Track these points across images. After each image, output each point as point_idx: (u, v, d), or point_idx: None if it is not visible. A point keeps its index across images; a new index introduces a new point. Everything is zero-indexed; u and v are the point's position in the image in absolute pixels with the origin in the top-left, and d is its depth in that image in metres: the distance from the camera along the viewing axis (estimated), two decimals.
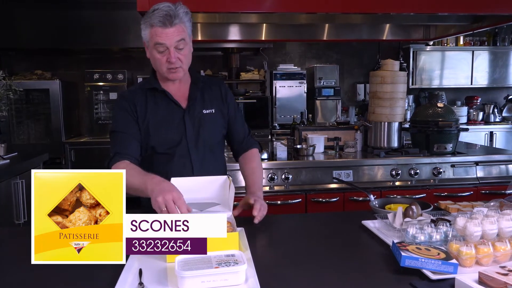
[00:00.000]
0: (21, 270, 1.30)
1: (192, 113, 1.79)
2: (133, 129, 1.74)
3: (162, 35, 1.63)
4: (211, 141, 1.83)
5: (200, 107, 1.81)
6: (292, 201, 2.81)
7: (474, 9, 2.68)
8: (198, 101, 1.82)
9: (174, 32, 1.63)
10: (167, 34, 1.63)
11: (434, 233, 1.37)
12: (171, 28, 1.62)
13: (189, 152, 1.77)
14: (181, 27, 1.65)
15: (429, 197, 2.89)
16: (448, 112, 3.13)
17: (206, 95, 1.84)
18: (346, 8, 2.60)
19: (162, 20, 1.61)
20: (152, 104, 1.77)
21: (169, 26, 1.62)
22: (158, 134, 1.75)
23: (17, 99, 5.01)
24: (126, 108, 1.75)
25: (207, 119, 1.81)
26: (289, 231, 1.71)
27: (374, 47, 6.18)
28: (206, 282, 1.10)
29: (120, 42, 5.35)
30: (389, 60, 3.21)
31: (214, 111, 1.84)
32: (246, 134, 1.97)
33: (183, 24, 1.66)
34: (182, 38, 1.65)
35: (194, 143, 1.78)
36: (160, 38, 1.63)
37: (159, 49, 1.65)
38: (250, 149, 1.95)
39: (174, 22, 1.62)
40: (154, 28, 1.63)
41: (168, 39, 1.63)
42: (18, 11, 5.24)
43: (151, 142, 1.75)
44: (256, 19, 3.30)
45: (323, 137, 3.29)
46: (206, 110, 1.82)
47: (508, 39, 6.21)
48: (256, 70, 5.96)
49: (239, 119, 1.95)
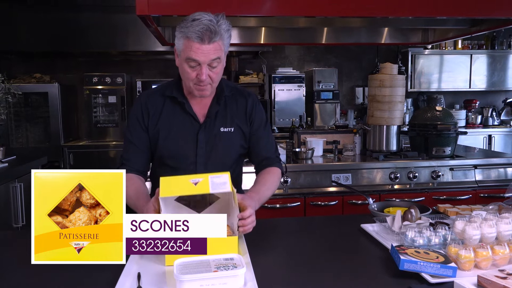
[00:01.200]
0: (20, 273, 1.30)
1: (209, 129, 1.67)
2: (142, 142, 1.68)
3: (198, 51, 1.47)
4: (224, 161, 1.70)
5: (219, 124, 1.68)
6: (291, 205, 2.81)
7: (472, 13, 2.69)
8: (218, 117, 1.68)
9: (211, 50, 1.47)
10: (203, 51, 1.47)
11: (433, 237, 1.37)
12: (209, 45, 1.47)
13: (196, 170, 1.65)
14: (219, 44, 1.49)
15: (428, 201, 2.89)
16: (446, 116, 3.13)
17: (228, 110, 1.70)
18: (345, 12, 2.60)
19: (201, 36, 1.45)
20: (167, 113, 1.67)
21: (206, 43, 1.46)
22: (167, 144, 1.67)
23: (15, 103, 5.00)
24: (138, 116, 1.68)
25: (224, 137, 1.68)
26: (288, 235, 1.70)
27: (372, 50, 6.20)
28: (205, 286, 1.10)
29: (119, 45, 5.35)
30: (387, 63, 3.21)
31: (233, 129, 1.69)
32: (270, 153, 1.78)
33: (222, 41, 1.50)
34: (217, 57, 1.50)
35: (204, 161, 1.67)
36: (195, 54, 1.47)
37: (191, 64, 1.51)
38: (271, 167, 1.75)
39: (213, 39, 1.46)
40: (189, 41, 1.47)
41: (204, 56, 1.48)
42: (17, 14, 5.24)
43: (159, 150, 1.69)
44: (255, 23, 3.30)
45: (322, 141, 3.29)
46: (224, 128, 1.68)
47: (506, 42, 6.23)
48: (255, 73, 5.97)
49: (264, 138, 1.76)
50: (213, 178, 1.32)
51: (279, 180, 1.77)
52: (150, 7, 2.32)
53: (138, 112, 1.69)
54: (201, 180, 1.31)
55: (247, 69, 6.08)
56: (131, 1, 2.46)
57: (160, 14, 2.35)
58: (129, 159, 1.68)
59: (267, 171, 1.73)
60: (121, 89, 5.50)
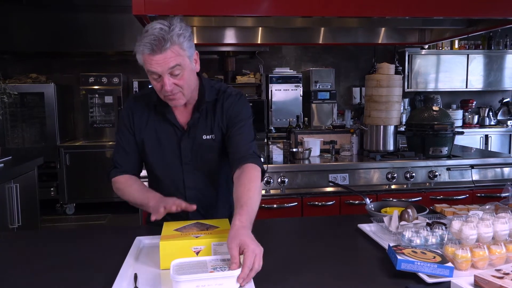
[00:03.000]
0: (17, 273, 1.29)
1: (191, 137, 1.64)
2: (131, 145, 1.69)
3: (152, 62, 1.43)
4: (210, 169, 1.68)
5: (200, 132, 1.64)
6: (288, 205, 2.81)
7: (469, 13, 2.69)
8: (200, 125, 1.64)
9: (165, 59, 1.42)
10: (158, 61, 1.42)
11: (430, 237, 1.37)
12: (161, 55, 1.41)
13: (183, 179, 1.66)
14: (174, 51, 1.43)
15: (424, 201, 2.89)
16: (443, 116, 3.14)
17: (209, 117, 1.65)
18: (342, 12, 2.60)
19: (150, 47, 1.40)
20: (152, 120, 1.66)
21: (158, 53, 1.41)
22: (153, 152, 1.67)
23: (11, 103, 4.99)
24: (125, 121, 1.68)
25: (207, 145, 1.65)
26: (285, 235, 1.70)
27: (369, 50, 6.21)
28: (201, 286, 1.09)
29: (115, 45, 5.34)
30: (384, 63, 3.22)
31: (214, 137, 1.64)
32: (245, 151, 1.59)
33: (177, 46, 1.43)
34: (176, 64, 1.44)
35: (191, 169, 1.65)
36: (150, 66, 1.43)
37: (153, 76, 1.47)
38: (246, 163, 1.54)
39: (164, 47, 1.40)
40: (144, 54, 1.43)
41: (159, 66, 1.43)
42: (13, 14, 5.22)
43: (146, 157, 1.69)
44: (252, 23, 3.30)
45: (319, 141, 3.29)
46: (207, 136, 1.64)
47: (503, 42, 6.26)
48: (252, 73, 5.97)
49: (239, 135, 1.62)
50: (216, 246, 1.29)
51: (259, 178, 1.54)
52: (147, 7, 2.31)
53: (125, 117, 1.69)
54: (203, 248, 1.28)
55: (244, 69, 6.08)
56: (128, 1, 2.45)
57: (156, 14, 2.34)
58: (121, 162, 1.70)
59: (244, 175, 1.49)
60: (117, 89, 5.49)
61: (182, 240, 1.29)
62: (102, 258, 1.41)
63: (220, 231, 1.36)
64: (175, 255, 1.23)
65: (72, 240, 1.64)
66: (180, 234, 1.34)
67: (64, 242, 1.61)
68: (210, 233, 1.34)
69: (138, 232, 1.58)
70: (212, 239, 1.29)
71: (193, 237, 1.30)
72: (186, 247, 1.27)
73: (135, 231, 1.62)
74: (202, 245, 1.28)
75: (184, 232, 1.36)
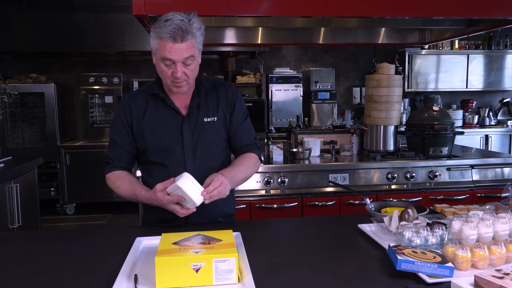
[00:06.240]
0: (17, 273, 1.29)
1: (192, 121, 1.71)
2: (125, 142, 1.74)
3: (171, 50, 1.53)
4: (212, 151, 1.74)
5: (202, 115, 1.72)
6: (288, 205, 2.81)
7: (469, 13, 2.69)
8: (201, 108, 1.73)
9: (184, 49, 1.53)
10: (177, 50, 1.53)
11: (430, 237, 1.37)
12: (182, 44, 1.52)
13: (184, 162, 1.69)
14: (192, 43, 1.55)
15: (425, 201, 2.89)
16: (443, 116, 3.14)
17: (210, 101, 1.75)
18: (342, 12, 2.60)
19: (173, 35, 1.50)
20: (151, 110, 1.72)
21: (179, 42, 1.52)
22: (154, 140, 1.70)
23: (11, 103, 4.99)
24: (121, 116, 1.73)
25: (208, 127, 1.72)
26: (285, 235, 1.70)
27: (369, 50, 6.20)
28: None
29: (115, 45, 5.34)
30: (384, 63, 3.21)
31: (216, 119, 1.74)
32: (249, 140, 1.82)
33: (194, 39, 1.56)
34: (191, 54, 1.56)
35: (192, 152, 1.70)
36: (169, 53, 1.53)
37: (166, 63, 1.57)
38: (249, 152, 1.79)
39: (185, 38, 1.52)
40: (163, 41, 1.52)
41: (177, 55, 1.54)
42: (13, 14, 5.22)
43: (146, 146, 1.72)
44: (252, 23, 3.30)
45: (319, 141, 3.29)
46: (208, 118, 1.73)
47: (503, 42, 6.25)
48: (252, 73, 5.96)
49: (244, 125, 1.81)
50: (218, 263, 1.18)
51: (256, 166, 1.80)
52: (147, 7, 2.31)
53: (121, 113, 1.74)
54: (204, 265, 1.17)
55: (244, 69, 6.08)
56: (128, 1, 2.45)
57: (156, 14, 2.34)
58: (114, 158, 1.76)
59: (244, 155, 1.77)
60: (117, 89, 5.49)
61: (180, 256, 1.18)
62: (102, 258, 1.41)
63: (222, 245, 1.25)
64: (172, 272, 1.16)
65: (72, 240, 1.64)
66: (178, 249, 1.23)
67: (64, 242, 1.61)
68: (212, 247, 1.23)
69: (138, 232, 1.58)
70: (214, 256, 1.18)
71: (192, 253, 1.20)
72: (185, 264, 1.17)
73: (135, 231, 1.62)
74: (202, 261, 1.17)
75: (183, 246, 1.26)
